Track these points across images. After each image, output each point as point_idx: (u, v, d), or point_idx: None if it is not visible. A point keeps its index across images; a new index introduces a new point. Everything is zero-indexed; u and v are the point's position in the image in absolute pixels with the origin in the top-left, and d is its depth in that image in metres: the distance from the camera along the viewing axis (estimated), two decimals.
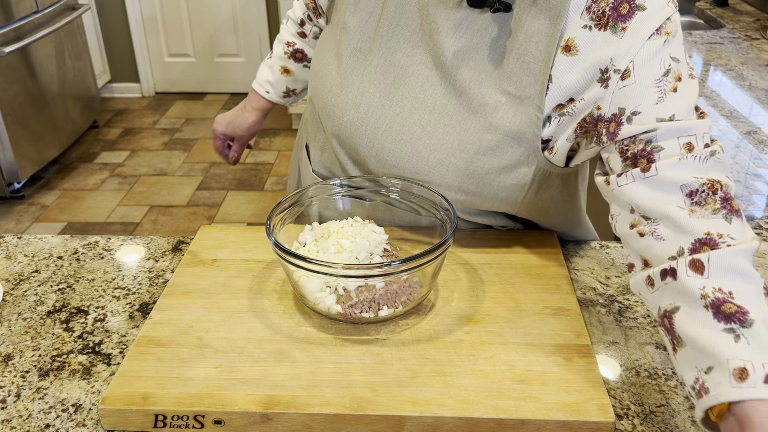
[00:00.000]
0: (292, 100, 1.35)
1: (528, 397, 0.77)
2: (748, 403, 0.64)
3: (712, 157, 0.79)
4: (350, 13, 1.01)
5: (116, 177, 3.69)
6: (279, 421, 0.77)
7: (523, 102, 0.91)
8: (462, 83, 0.93)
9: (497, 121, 0.92)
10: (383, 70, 0.99)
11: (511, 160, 0.94)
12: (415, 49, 0.97)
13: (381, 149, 1.00)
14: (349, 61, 1.01)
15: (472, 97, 0.93)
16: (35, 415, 0.80)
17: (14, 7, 3.36)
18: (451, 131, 0.95)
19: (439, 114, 0.95)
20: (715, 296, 0.70)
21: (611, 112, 0.86)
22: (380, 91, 0.99)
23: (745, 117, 1.62)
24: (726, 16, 2.47)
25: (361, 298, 0.87)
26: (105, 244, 1.13)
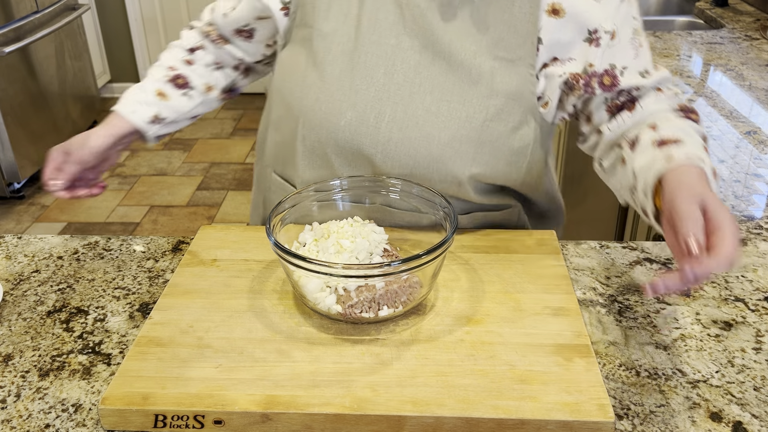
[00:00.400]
0: (156, 130, 1.16)
1: (528, 397, 0.77)
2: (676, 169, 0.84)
3: (676, 96, 1.03)
4: (323, 20, 1.02)
5: (116, 177, 3.69)
6: (279, 421, 0.77)
7: (515, 64, 0.98)
8: (456, 57, 0.98)
9: (497, 85, 0.98)
10: (372, 65, 1.00)
11: (515, 121, 1.00)
12: (399, 37, 0.99)
13: (387, 142, 1.00)
14: (334, 65, 1.01)
15: (470, 68, 0.98)
16: (35, 415, 0.80)
17: (14, 7, 3.36)
18: (456, 106, 0.98)
19: (440, 92, 0.98)
20: (662, 139, 0.92)
21: (603, 68, 0.99)
22: (374, 86, 1.00)
23: (745, 117, 1.62)
24: (726, 16, 2.47)
25: (361, 298, 0.87)
26: (105, 244, 1.13)
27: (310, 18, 1.03)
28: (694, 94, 1.76)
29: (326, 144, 1.04)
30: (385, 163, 1.02)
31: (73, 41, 3.90)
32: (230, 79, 1.24)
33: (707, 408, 0.79)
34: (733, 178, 1.32)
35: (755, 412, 0.79)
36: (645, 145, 0.93)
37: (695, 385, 0.82)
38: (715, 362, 0.86)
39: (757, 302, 0.97)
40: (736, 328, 0.92)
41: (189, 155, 3.91)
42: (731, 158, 1.41)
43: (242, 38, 1.17)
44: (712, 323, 0.93)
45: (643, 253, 1.08)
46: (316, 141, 1.05)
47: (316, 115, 1.03)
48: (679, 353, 0.87)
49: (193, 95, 1.19)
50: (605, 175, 1.08)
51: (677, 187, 0.80)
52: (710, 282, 1.01)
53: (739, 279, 1.02)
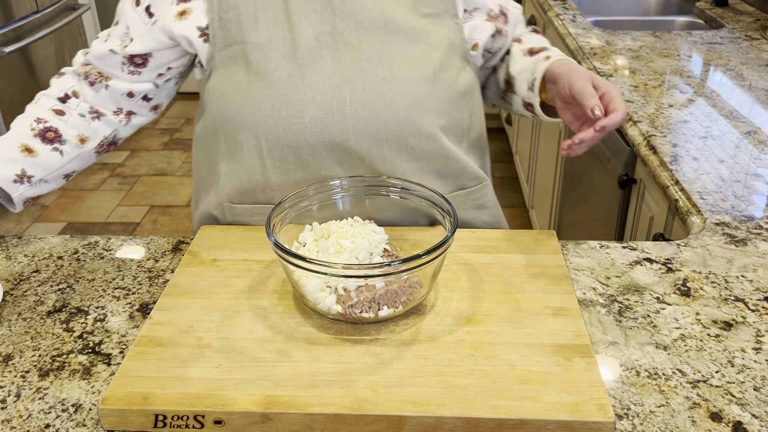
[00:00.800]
0: (22, 191, 1.06)
1: (528, 397, 0.77)
2: (558, 64, 1.03)
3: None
4: (253, 32, 1.03)
5: (116, 177, 3.69)
6: (279, 421, 0.77)
7: (441, 17, 1.07)
8: (391, 24, 1.04)
9: (433, 39, 1.06)
10: (317, 57, 1.02)
11: (456, 67, 1.08)
12: (333, 23, 1.03)
13: (356, 123, 1.03)
14: (279, 69, 1.02)
15: (405, 31, 1.04)
16: (35, 415, 0.80)
17: (14, 7, 3.36)
18: (406, 68, 1.04)
19: (388, 60, 1.03)
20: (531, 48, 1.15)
21: (498, 10, 1.13)
22: (326, 75, 1.02)
23: (745, 117, 1.62)
24: (726, 16, 2.47)
25: (361, 298, 0.87)
26: (105, 244, 1.13)
27: (237, 35, 1.03)
28: (694, 94, 1.76)
29: (296, 147, 1.05)
30: (360, 144, 1.04)
31: (73, 41, 3.90)
32: (112, 127, 1.15)
33: (707, 408, 0.79)
34: (733, 178, 1.32)
35: (755, 412, 0.79)
36: (517, 55, 1.14)
37: (695, 385, 0.82)
38: (715, 362, 0.86)
39: (757, 302, 0.97)
40: (736, 328, 0.92)
41: (189, 155, 3.91)
42: (731, 158, 1.41)
43: (133, 67, 1.10)
44: (712, 323, 0.93)
45: (643, 253, 1.08)
46: (285, 148, 1.05)
47: (277, 124, 1.03)
48: (679, 353, 0.87)
49: (66, 150, 1.08)
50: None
51: (570, 74, 0.98)
52: (710, 282, 1.01)
53: (739, 279, 1.02)
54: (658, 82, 1.83)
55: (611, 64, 1.97)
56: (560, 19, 2.47)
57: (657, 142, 1.48)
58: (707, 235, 1.13)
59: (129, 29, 1.08)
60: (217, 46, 1.04)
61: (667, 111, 1.64)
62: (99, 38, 1.12)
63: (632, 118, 1.60)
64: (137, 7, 1.07)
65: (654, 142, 1.48)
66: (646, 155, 1.46)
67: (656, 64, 1.98)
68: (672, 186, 1.32)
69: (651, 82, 1.83)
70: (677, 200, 1.28)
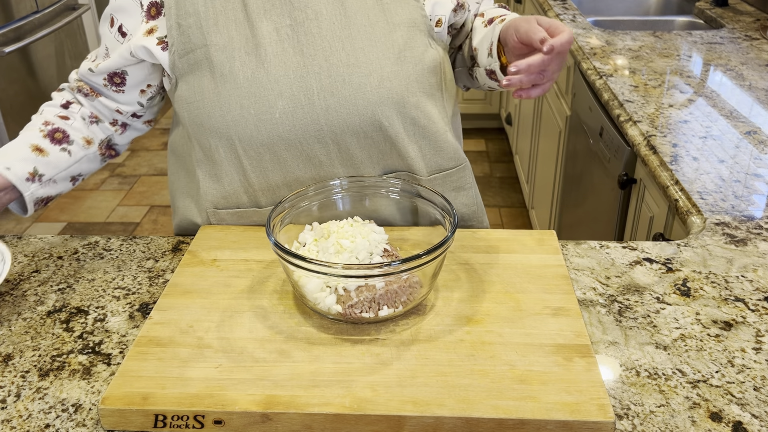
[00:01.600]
0: (34, 190, 1.08)
1: (528, 397, 0.77)
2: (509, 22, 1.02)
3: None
4: (215, 34, 1.03)
5: (116, 177, 3.70)
6: (279, 421, 0.77)
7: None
8: (350, 9, 1.04)
9: (394, 19, 1.05)
10: (279, 51, 1.03)
11: (422, 45, 1.07)
12: (292, 15, 1.03)
13: (327, 111, 1.03)
14: (244, 68, 1.03)
15: (366, 13, 1.04)
16: (35, 415, 0.80)
17: (14, 7, 3.36)
18: (369, 50, 1.04)
19: (350, 44, 1.04)
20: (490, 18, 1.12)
21: None
22: (290, 68, 1.03)
23: (745, 117, 1.62)
24: (726, 16, 2.47)
25: (361, 298, 0.87)
26: (105, 244, 1.13)
27: (198, 39, 1.03)
28: (694, 94, 1.76)
29: (270, 144, 1.05)
30: (333, 132, 1.04)
31: (73, 41, 3.90)
32: (108, 133, 1.19)
33: (707, 408, 0.79)
34: (733, 178, 1.32)
35: (755, 412, 0.79)
36: (478, 27, 1.14)
37: (695, 385, 0.82)
38: (715, 362, 0.86)
39: (757, 302, 0.97)
40: (736, 328, 0.92)
41: None
42: (731, 158, 1.41)
43: (115, 86, 1.13)
44: (712, 323, 0.93)
45: (643, 253, 1.08)
46: (260, 146, 1.05)
47: (248, 122, 1.03)
48: (679, 353, 0.87)
49: (73, 150, 1.12)
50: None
51: (513, 23, 0.99)
52: (710, 282, 1.01)
53: (739, 279, 1.02)
54: (658, 82, 1.83)
55: (611, 64, 1.98)
56: (560, 19, 2.47)
57: (657, 142, 1.48)
58: (707, 235, 1.13)
59: (107, 49, 1.11)
60: (177, 53, 1.04)
61: (667, 111, 1.64)
62: (87, 58, 1.16)
63: (632, 118, 1.60)
64: (111, 27, 1.09)
65: (654, 142, 1.48)
66: (646, 155, 1.46)
67: (656, 64, 1.98)
68: (672, 186, 1.32)
69: (651, 82, 1.83)
70: (677, 200, 1.28)
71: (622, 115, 1.64)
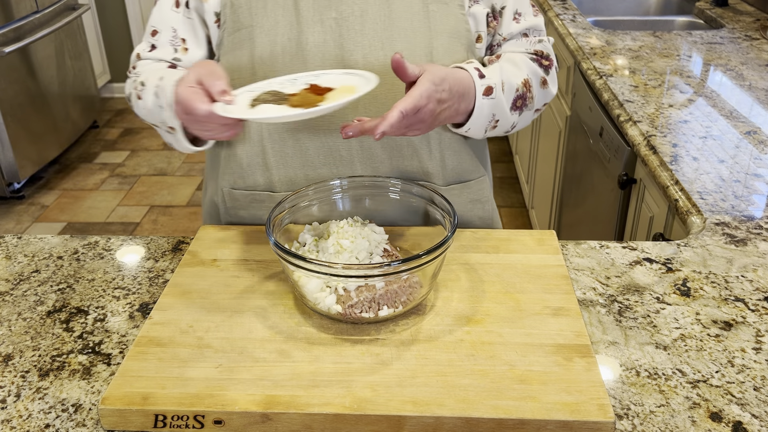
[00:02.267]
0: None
1: (528, 397, 0.77)
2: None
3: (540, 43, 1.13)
4: (262, 17, 1.04)
5: (116, 177, 3.70)
6: (279, 421, 0.77)
7: (448, 5, 1.06)
8: (395, 11, 1.04)
9: (437, 27, 1.06)
10: (320, 42, 1.04)
11: (460, 56, 1.07)
12: (338, 9, 1.04)
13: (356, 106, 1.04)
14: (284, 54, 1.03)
15: (410, 17, 1.05)
16: (35, 415, 0.80)
17: (14, 7, 3.36)
18: (408, 53, 1.03)
19: (390, 45, 1.04)
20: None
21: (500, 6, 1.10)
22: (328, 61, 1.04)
23: (745, 117, 1.62)
24: (726, 16, 2.47)
25: (361, 298, 0.87)
26: (105, 244, 1.13)
27: (246, 19, 1.05)
28: (694, 94, 1.76)
29: (294, 131, 1.06)
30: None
31: (73, 41, 3.90)
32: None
33: (707, 408, 0.79)
34: (733, 178, 1.32)
35: (755, 412, 0.79)
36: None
37: (695, 385, 0.82)
38: (715, 362, 0.86)
39: (757, 302, 0.97)
40: (736, 328, 0.92)
41: (189, 155, 3.91)
42: (731, 158, 1.41)
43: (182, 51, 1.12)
44: (712, 323, 0.93)
45: (643, 253, 1.08)
46: (284, 131, 1.07)
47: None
48: (679, 353, 0.87)
49: None
50: None
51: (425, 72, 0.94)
52: (710, 282, 1.01)
53: (739, 279, 1.02)
54: (658, 82, 1.83)
55: (611, 64, 1.97)
56: (560, 19, 2.47)
57: (657, 142, 1.48)
58: (707, 235, 1.13)
59: (176, 32, 1.10)
60: (227, 31, 1.06)
61: (667, 111, 1.64)
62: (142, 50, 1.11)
63: (632, 118, 1.60)
64: (178, 8, 1.09)
65: (654, 142, 1.48)
66: (646, 155, 1.46)
67: (656, 64, 1.98)
68: (672, 186, 1.32)
69: (651, 82, 1.83)
70: (677, 200, 1.28)
71: (622, 115, 1.64)
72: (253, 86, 0.96)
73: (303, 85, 0.95)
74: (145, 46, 1.12)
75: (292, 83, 0.96)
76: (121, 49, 4.67)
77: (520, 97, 1.07)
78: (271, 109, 0.89)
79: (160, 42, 1.10)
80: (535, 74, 1.09)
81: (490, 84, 1.01)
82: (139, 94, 1.05)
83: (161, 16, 1.10)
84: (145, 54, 1.11)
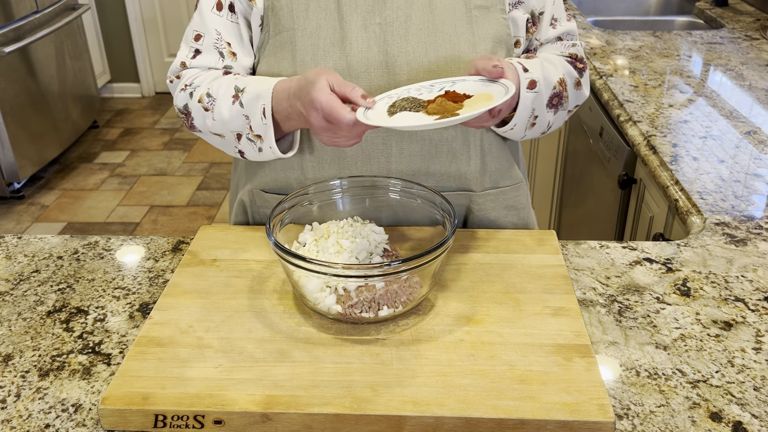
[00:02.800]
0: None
1: (528, 397, 0.77)
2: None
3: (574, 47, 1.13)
4: (304, 19, 1.03)
5: (116, 177, 3.69)
6: (279, 421, 0.77)
7: (490, 10, 1.06)
8: (439, 16, 1.04)
9: (480, 32, 1.05)
10: (364, 48, 1.03)
11: None
12: (382, 14, 1.03)
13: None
14: (326, 58, 1.02)
15: (454, 22, 1.04)
16: (35, 415, 0.80)
17: (14, 7, 3.36)
18: (452, 60, 1.03)
19: (434, 51, 1.03)
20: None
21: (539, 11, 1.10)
22: (372, 65, 1.03)
23: (745, 117, 1.62)
24: (726, 16, 2.47)
25: (361, 298, 0.87)
26: (105, 244, 1.13)
27: (288, 22, 1.03)
28: (694, 94, 1.76)
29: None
30: (401, 136, 1.04)
31: (73, 41, 3.90)
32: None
33: (707, 408, 0.79)
34: (733, 178, 1.32)
35: (755, 412, 0.79)
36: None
37: (695, 385, 0.82)
38: (715, 362, 0.86)
39: (757, 302, 0.97)
40: (736, 328, 0.92)
41: (189, 155, 3.91)
42: (731, 158, 1.41)
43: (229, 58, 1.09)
44: (712, 323, 0.93)
45: (643, 253, 1.08)
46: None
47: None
48: (679, 353, 0.87)
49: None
50: None
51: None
52: (710, 282, 1.01)
53: (739, 279, 1.02)
54: (658, 82, 1.83)
55: (611, 64, 1.97)
56: None
57: (657, 142, 1.48)
58: (707, 235, 1.13)
59: (220, 35, 1.07)
60: (269, 34, 1.05)
61: (667, 111, 1.64)
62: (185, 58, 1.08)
63: (632, 118, 1.60)
64: (220, 11, 1.06)
65: (654, 142, 1.48)
66: (646, 155, 1.46)
67: (656, 64, 1.98)
68: (672, 186, 1.32)
69: (651, 82, 1.83)
70: (677, 200, 1.28)
71: (622, 115, 1.64)
72: (390, 93, 0.96)
73: (439, 91, 0.95)
74: (188, 52, 1.09)
75: (429, 90, 0.96)
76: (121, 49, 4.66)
77: (557, 95, 1.06)
78: (410, 117, 0.90)
79: (204, 46, 1.07)
80: (570, 75, 1.09)
81: (534, 78, 1.01)
82: (206, 106, 1.03)
83: (203, 19, 1.07)
84: (190, 62, 1.08)
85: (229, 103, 1.01)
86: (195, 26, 1.08)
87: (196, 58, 1.08)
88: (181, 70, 1.09)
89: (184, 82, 1.08)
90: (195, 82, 1.06)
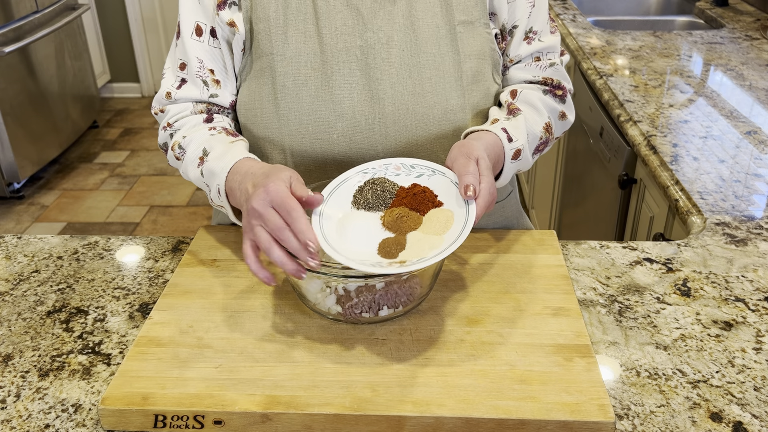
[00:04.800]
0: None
1: (528, 397, 0.77)
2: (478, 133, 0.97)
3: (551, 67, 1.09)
4: (282, 44, 1.00)
5: (116, 177, 3.69)
6: (279, 421, 0.77)
7: (474, 25, 1.03)
8: (422, 36, 1.01)
9: (465, 49, 1.02)
10: (346, 72, 1.00)
11: (488, 78, 1.05)
12: (363, 36, 1.00)
13: (385, 138, 1.02)
14: (308, 83, 1.00)
15: (437, 41, 1.01)
16: (35, 415, 0.80)
17: (14, 7, 3.36)
18: (438, 79, 1.01)
19: (418, 73, 1.01)
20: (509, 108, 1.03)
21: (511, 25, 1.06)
22: (355, 91, 1.01)
23: (745, 117, 1.62)
24: (726, 16, 2.47)
25: (361, 299, 0.87)
26: (105, 244, 1.13)
27: (267, 46, 1.01)
28: (694, 94, 1.76)
29: (322, 162, 1.04)
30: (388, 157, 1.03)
31: (73, 41, 3.90)
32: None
33: (707, 408, 0.79)
34: (733, 178, 1.32)
35: (755, 412, 0.79)
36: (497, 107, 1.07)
37: (695, 385, 0.82)
38: (715, 362, 0.86)
39: (757, 302, 0.97)
40: (736, 328, 0.92)
41: None
42: (731, 158, 1.41)
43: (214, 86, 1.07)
44: (712, 323, 0.93)
45: (643, 253, 1.08)
46: (311, 162, 1.05)
47: (304, 139, 1.02)
48: (679, 353, 0.87)
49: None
50: None
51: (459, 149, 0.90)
52: (710, 282, 1.01)
53: (739, 279, 1.02)
54: (658, 82, 1.83)
55: (611, 64, 1.97)
56: (560, 19, 2.47)
57: (657, 142, 1.48)
58: (707, 235, 1.13)
59: (202, 62, 1.04)
60: (251, 59, 1.03)
61: (668, 111, 1.64)
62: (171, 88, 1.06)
63: (632, 118, 1.60)
64: (200, 37, 1.03)
65: (654, 142, 1.48)
66: (646, 155, 1.46)
67: (656, 64, 1.98)
68: (672, 186, 1.32)
69: (651, 82, 1.83)
70: (677, 200, 1.28)
71: (623, 115, 1.64)
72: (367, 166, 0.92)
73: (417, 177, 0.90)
74: (173, 80, 1.06)
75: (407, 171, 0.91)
76: (121, 49, 4.67)
77: (543, 143, 1.05)
78: (362, 253, 0.82)
79: (189, 75, 1.05)
80: (554, 111, 1.08)
81: (519, 147, 0.98)
82: (178, 156, 1.03)
83: (184, 47, 1.04)
84: (176, 92, 1.06)
85: (194, 165, 1.00)
86: (179, 54, 1.06)
87: (182, 89, 1.06)
88: (167, 103, 1.07)
89: (167, 119, 1.07)
90: (176, 124, 1.05)
